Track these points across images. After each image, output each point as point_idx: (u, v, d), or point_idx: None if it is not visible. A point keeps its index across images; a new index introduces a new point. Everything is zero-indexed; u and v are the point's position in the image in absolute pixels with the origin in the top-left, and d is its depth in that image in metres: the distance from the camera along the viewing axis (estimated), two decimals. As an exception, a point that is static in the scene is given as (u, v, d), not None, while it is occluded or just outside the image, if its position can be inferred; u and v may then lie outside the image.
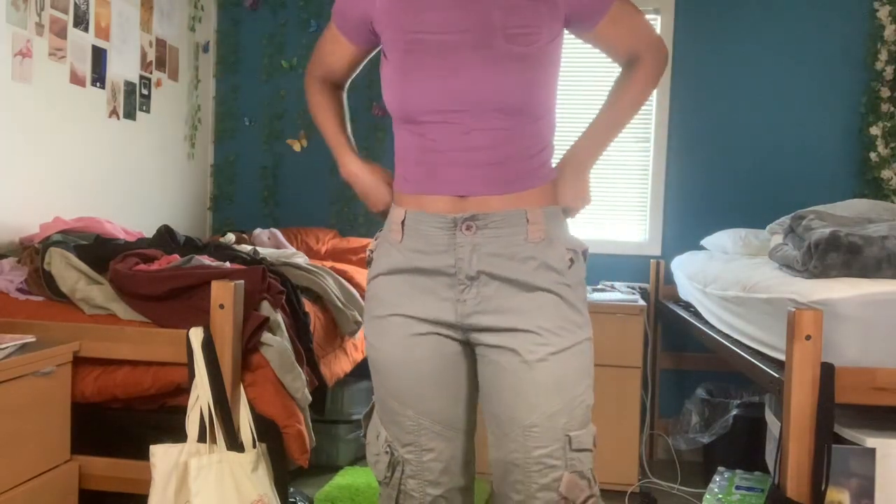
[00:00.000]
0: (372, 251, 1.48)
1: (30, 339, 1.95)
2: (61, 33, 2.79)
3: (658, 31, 3.69)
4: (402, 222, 1.40)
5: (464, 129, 1.35)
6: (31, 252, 2.36)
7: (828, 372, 1.75)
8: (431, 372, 1.39)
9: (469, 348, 1.42)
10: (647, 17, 3.68)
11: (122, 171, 3.24)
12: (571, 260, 1.39)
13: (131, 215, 3.28)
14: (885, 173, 3.43)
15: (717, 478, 2.70)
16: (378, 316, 1.43)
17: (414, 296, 1.39)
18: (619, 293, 3.35)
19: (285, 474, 2.08)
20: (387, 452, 1.42)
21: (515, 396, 1.35)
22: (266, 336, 2.08)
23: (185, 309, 2.08)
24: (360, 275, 3.09)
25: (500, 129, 1.36)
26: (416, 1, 1.39)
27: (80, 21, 2.90)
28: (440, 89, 1.35)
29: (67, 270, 2.21)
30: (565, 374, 1.35)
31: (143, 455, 1.97)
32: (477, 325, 1.37)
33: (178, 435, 1.96)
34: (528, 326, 1.35)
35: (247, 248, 2.82)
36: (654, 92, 3.67)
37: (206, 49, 3.91)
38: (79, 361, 2.05)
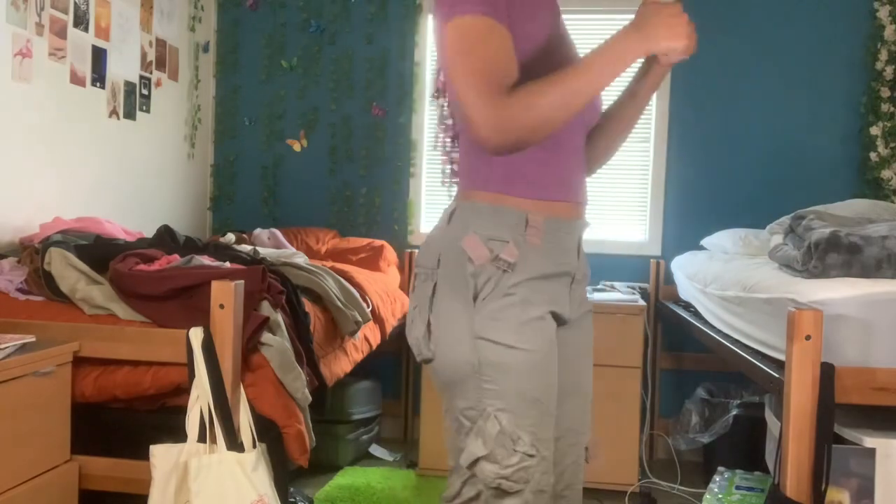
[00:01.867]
0: (511, 259, 1.36)
1: (30, 339, 1.95)
2: (61, 33, 2.79)
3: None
4: (541, 226, 1.38)
5: (583, 136, 1.44)
6: (31, 252, 2.36)
7: (828, 372, 1.75)
8: (555, 366, 1.44)
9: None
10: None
11: (122, 171, 3.24)
12: None
13: (131, 215, 3.28)
14: (885, 173, 3.43)
15: (717, 478, 2.70)
16: (534, 318, 1.37)
17: (554, 297, 1.41)
18: (619, 293, 3.35)
19: (285, 474, 2.07)
20: (532, 455, 1.36)
21: (583, 370, 1.54)
22: (266, 336, 2.08)
23: (185, 309, 2.08)
24: (361, 275, 3.09)
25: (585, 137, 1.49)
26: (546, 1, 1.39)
27: (80, 21, 2.90)
28: None
29: (67, 270, 2.21)
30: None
31: (143, 455, 1.96)
32: (571, 318, 1.48)
33: (178, 435, 1.96)
34: (589, 310, 1.55)
35: (247, 248, 2.82)
36: (655, 91, 3.68)
37: (206, 49, 3.91)
38: (79, 361, 2.04)
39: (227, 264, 2.32)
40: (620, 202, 3.78)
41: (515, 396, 1.36)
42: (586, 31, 3.77)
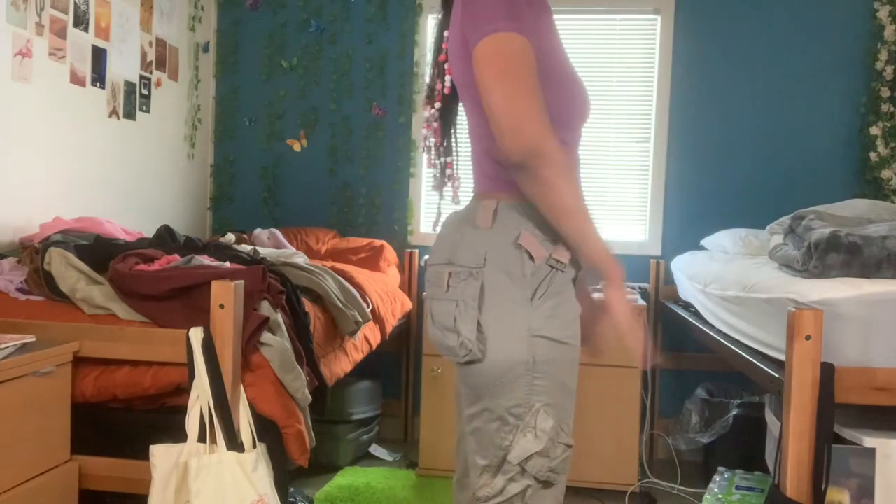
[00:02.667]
0: (564, 260, 1.41)
1: (30, 339, 1.95)
2: (61, 33, 2.79)
3: (658, 31, 3.70)
4: None
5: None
6: (31, 252, 2.36)
7: (828, 372, 1.75)
8: None
9: None
10: (647, 17, 3.72)
11: (122, 171, 3.24)
12: None
13: (131, 215, 3.28)
14: (885, 173, 3.43)
15: (717, 478, 2.71)
16: (577, 315, 1.46)
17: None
18: (619, 293, 3.34)
19: (285, 474, 2.08)
20: (570, 446, 1.43)
21: None
22: (266, 336, 2.08)
23: (185, 309, 2.08)
24: (361, 275, 3.09)
25: None
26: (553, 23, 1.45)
27: (80, 21, 2.90)
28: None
29: (67, 270, 2.21)
30: None
31: (143, 455, 1.97)
32: None
33: (178, 435, 1.96)
34: None
35: (247, 248, 2.82)
36: (654, 92, 3.69)
37: (206, 49, 3.91)
38: (79, 361, 2.04)
39: (227, 264, 2.32)
40: (620, 202, 3.78)
41: (559, 390, 1.41)
42: (588, 31, 3.77)
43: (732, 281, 2.45)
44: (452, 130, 1.63)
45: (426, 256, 3.72)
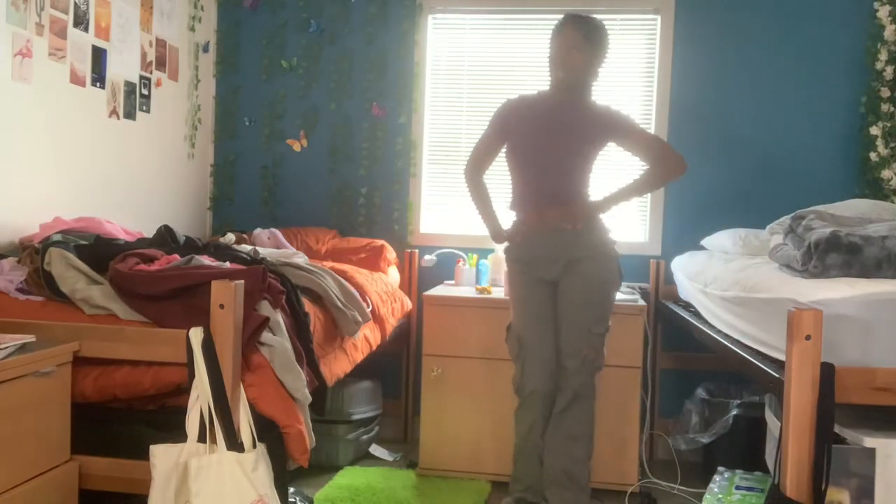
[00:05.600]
0: (509, 247, 2.82)
1: (30, 339, 1.95)
2: (61, 33, 2.79)
3: (658, 31, 3.70)
4: (522, 232, 2.76)
5: (538, 182, 2.74)
6: (31, 252, 2.36)
7: (828, 372, 1.75)
8: (538, 300, 2.73)
9: (556, 289, 2.73)
10: (647, 17, 3.72)
11: (122, 171, 3.24)
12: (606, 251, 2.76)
13: (131, 215, 3.28)
14: (885, 173, 3.43)
15: (717, 478, 2.71)
16: (518, 273, 2.77)
17: (530, 268, 2.74)
18: (619, 293, 3.34)
19: (285, 474, 2.08)
20: (518, 340, 2.72)
21: (569, 307, 2.71)
22: (266, 336, 2.08)
23: (185, 309, 2.08)
24: (361, 275, 3.10)
25: (565, 185, 2.74)
26: (527, 127, 2.74)
27: (80, 21, 2.90)
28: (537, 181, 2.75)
29: (67, 270, 2.21)
30: (590, 298, 2.71)
31: (143, 455, 1.97)
32: (559, 279, 2.72)
33: (178, 435, 1.97)
34: (578, 272, 2.69)
35: (247, 248, 2.82)
36: (654, 91, 3.69)
37: (206, 49, 3.91)
38: (79, 361, 2.05)
39: (227, 264, 2.32)
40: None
41: (516, 312, 2.77)
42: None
43: (732, 281, 2.45)
44: None
45: (426, 256, 3.74)
